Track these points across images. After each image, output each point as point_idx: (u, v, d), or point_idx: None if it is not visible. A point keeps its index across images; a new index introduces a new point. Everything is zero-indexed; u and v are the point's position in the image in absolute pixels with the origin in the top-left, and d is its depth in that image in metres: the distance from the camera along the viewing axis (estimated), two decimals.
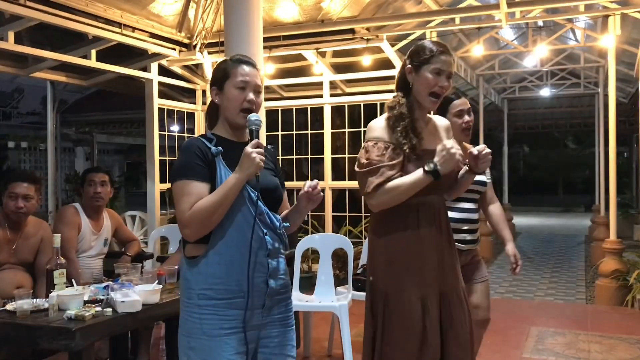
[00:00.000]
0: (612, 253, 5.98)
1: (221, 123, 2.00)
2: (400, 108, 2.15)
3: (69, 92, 13.14)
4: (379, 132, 2.16)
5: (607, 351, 4.39)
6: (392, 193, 2.06)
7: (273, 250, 1.92)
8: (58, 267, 2.67)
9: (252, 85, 1.95)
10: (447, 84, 2.14)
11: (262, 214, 1.90)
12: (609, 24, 5.91)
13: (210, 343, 1.85)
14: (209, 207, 1.81)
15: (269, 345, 1.94)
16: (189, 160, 1.88)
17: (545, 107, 15.98)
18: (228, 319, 1.85)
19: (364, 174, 2.12)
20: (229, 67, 1.97)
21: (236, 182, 1.82)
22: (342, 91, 7.25)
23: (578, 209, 19.98)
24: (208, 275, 1.86)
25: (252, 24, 4.93)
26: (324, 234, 5.45)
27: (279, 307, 1.97)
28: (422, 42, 2.24)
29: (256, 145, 1.83)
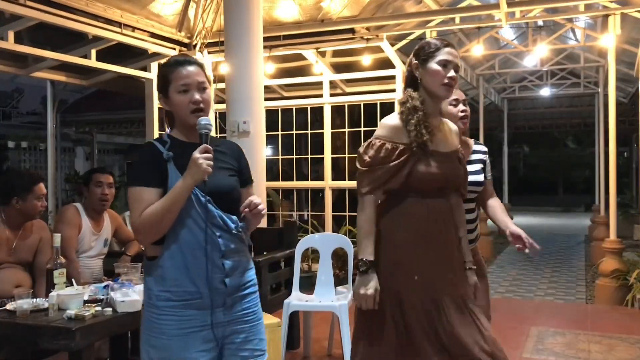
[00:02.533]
0: (612, 253, 5.97)
1: (177, 125, 2.01)
2: (413, 101, 2.15)
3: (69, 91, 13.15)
4: (390, 131, 2.15)
5: (607, 351, 4.39)
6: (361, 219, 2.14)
7: (228, 251, 1.92)
8: (58, 267, 2.67)
9: (195, 85, 1.94)
10: (455, 75, 2.15)
11: (214, 217, 1.90)
12: (609, 24, 5.91)
13: (169, 342, 1.87)
14: (157, 213, 1.83)
15: (234, 341, 1.96)
16: (140, 167, 1.92)
17: (545, 107, 15.98)
18: (187, 319, 1.88)
19: (363, 172, 2.14)
20: (168, 73, 1.96)
21: (183, 188, 1.83)
22: (342, 91, 7.25)
23: (578, 209, 19.98)
24: (164, 279, 1.88)
25: (252, 24, 4.93)
26: (324, 234, 5.45)
27: (242, 303, 1.99)
28: (426, 39, 2.27)
29: (204, 151, 1.84)
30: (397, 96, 6.34)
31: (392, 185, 2.12)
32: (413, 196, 2.13)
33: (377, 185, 2.10)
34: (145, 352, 1.92)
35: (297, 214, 7.67)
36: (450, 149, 2.23)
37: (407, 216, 2.13)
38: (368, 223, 2.12)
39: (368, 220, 2.12)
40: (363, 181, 2.13)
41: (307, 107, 6.99)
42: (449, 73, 2.13)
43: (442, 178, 2.15)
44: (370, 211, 2.13)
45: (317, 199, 7.82)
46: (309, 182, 7.70)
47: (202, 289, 1.88)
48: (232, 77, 5.00)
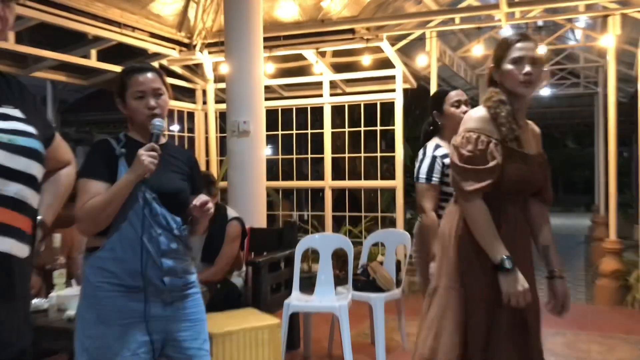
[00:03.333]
0: (612, 253, 5.97)
1: (135, 126, 2.09)
2: (498, 95, 2.09)
3: (69, 91, 13.14)
4: (478, 122, 2.07)
5: (607, 351, 4.39)
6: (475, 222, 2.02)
7: (168, 250, 1.97)
8: (58, 267, 2.67)
9: (150, 91, 2.03)
10: (530, 69, 2.04)
11: (157, 215, 1.95)
12: (609, 24, 5.91)
13: (107, 331, 1.90)
14: (98, 205, 1.89)
15: (176, 338, 2.00)
16: (91, 160, 2.00)
17: (545, 107, 15.97)
18: (125, 309, 1.91)
19: (467, 170, 2.02)
20: (124, 79, 2.06)
21: (126, 182, 1.90)
22: (342, 91, 7.25)
23: (578, 209, 19.99)
24: (103, 270, 1.93)
25: (252, 24, 4.93)
26: (324, 234, 5.45)
27: (183, 302, 2.03)
28: (502, 38, 2.21)
29: (150, 149, 1.92)
30: (397, 96, 6.34)
31: (491, 188, 2.00)
32: (497, 196, 2.04)
33: (483, 187, 1.99)
34: (80, 343, 1.93)
35: (297, 214, 7.66)
36: (536, 152, 2.16)
37: (501, 217, 2.04)
38: (487, 221, 1.99)
39: (486, 218, 2.00)
40: (467, 180, 2.01)
41: (307, 107, 6.99)
42: (523, 69, 2.04)
43: (527, 180, 2.08)
44: (485, 209, 2.00)
45: (317, 199, 7.81)
46: (309, 182, 7.70)
47: (139, 283, 1.91)
48: (232, 77, 5.00)
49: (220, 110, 6.79)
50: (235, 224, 3.91)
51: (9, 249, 1.31)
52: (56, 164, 1.65)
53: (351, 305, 3.84)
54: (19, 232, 1.35)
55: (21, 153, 1.35)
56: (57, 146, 1.63)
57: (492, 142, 2.02)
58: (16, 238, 1.33)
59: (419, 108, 9.43)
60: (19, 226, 1.35)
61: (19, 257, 1.34)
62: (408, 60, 7.14)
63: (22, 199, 1.35)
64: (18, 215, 1.35)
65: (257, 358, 3.24)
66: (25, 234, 1.37)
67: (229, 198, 4.99)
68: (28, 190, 1.37)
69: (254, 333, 3.20)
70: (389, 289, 4.04)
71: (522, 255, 2.09)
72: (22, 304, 1.38)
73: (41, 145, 1.43)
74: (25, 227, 1.37)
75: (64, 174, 1.69)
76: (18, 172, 1.34)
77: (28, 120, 1.41)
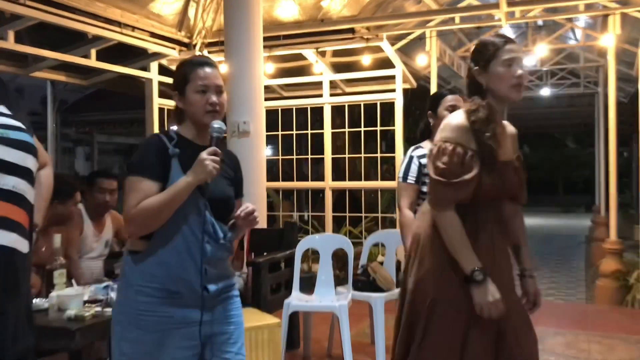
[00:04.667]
0: (612, 253, 5.97)
1: (187, 124, 1.99)
2: (485, 110, 2.01)
3: (69, 91, 13.14)
4: (456, 132, 2.00)
5: (607, 351, 4.39)
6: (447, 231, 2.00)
7: (214, 258, 1.92)
8: (58, 267, 2.67)
9: (213, 87, 1.95)
10: (522, 72, 2.01)
11: (207, 223, 1.89)
12: (609, 24, 5.91)
13: (145, 337, 1.86)
14: (154, 207, 1.81)
15: (215, 341, 1.95)
16: (144, 158, 1.89)
17: (545, 107, 15.97)
18: (166, 315, 1.86)
19: (442, 184, 1.99)
20: (187, 72, 1.96)
21: (186, 186, 1.82)
22: (342, 91, 7.25)
23: (578, 209, 20.01)
24: (146, 274, 1.86)
25: (252, 23, 4.93)
26: (324, 234, 5.45)
27: (224, 305, 1.99)
28: (481, 40, 2.13)
29: (212, 153, 1.84)
30: (397, 96, 6.34)
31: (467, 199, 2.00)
32: (473, 205, 2.03)
33: (457, 200, 1.99)
34: (117, 346, 1.89)
35: (298, 214, 7.66)
36: (509, 157, 2.12)
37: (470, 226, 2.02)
38: (460, 233, 1.98)
39: (459, 230, 1.98)
40: (442, 195, 2.00)
41: (307, 107, 6.98)
42: (515, 72, 2.00)
43: (501, 189, 2.06)
44: (457, 221, 1.99)
45: (318, 200, 7.81)
46: (309, 182, 7.70)
47: (182, 289, 1.87)
48: (232, 77, 5.00)
49: None
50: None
51: (13, 244, 1.30)
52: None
53: (351, 305, 3.84)
54: (20, 226, 1.33)
55: (15, 146, 1.34)
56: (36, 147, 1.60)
57: (469, 153, 1.98)
58: (18, 233, 1.32)
59: (419, 108, 9.42)
60: (19, 220, 1.33)
61: (22, 252, 1.33)
62: (408, 60, 7.15)
63: (20, 192, 1.34)
64: (17, 209, 1.33)
65: (257, 358, 3.24)
66: (26, 230, 1.36)
67: None
68: (25, 184, 1.36)
69: (254, 333, 3.20)
70: (389, 289, 4.04)
71: (500, 261, 2.08)
72: (26, 302, 1.37)
73: (32, 139, 1.41)
74: (24, 222, 1.36)
75: (44, 175, 1.66)
76: (14, 165, 1.33)
77: (15, 116, 1.40)
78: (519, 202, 2.21)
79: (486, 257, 2.01)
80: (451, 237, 1.99)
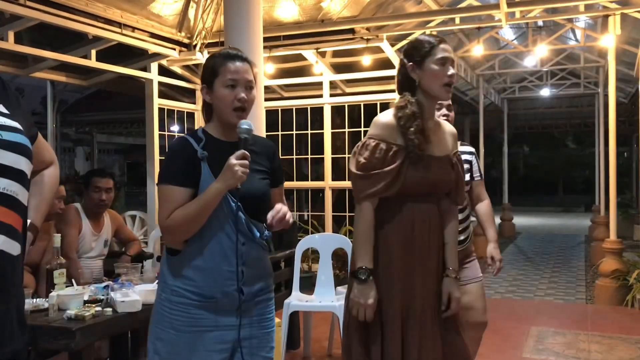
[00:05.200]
0: (612, 253, 5.97)
1: (214, 120, 1.95)
2: (412, 107, 2.07)
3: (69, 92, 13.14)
4: (383, 129, 2.07)
5: (607, 351, 4.39)
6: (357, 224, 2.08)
7: (249, 259, 1.88)
8: (58, 267, 2.67)
9: (243, 82, 1.88)
10: (454, 73, 2.09)
11: (242, 224, 1.86)
12: (609, 24, 5.91)
13: (177, 338, 1.85)
14: (187, 216, 1.79)
15: (244, 345, 1.91)
16: (173, 165, 1.87)
17: (545, 107, 15.98)
18: (198, 318, 1.85)
19: (360, 177, 2.06)
20: (217, 65, 1.90)
21: (216, 193, 1.79)
22: (342, 91, 7.25)
23: (578, 209, 19.99)
24: (181, 276, 1.86)
25: (252, 24, 4.93)
26: (324, 234, 5.45)
27: (258, 309, 1.95)
28: (416, 38, 2.17)
29: (241, 157, 1.79)
30: (397, 97, 6.33)
31: (390, 192, 2.04)
32: (401, 199, 2.06)
33: (375, 192, 2.03)
34: (152, 345, 1.89)
35: (297, 214, 7.66)
36: (444, 153, 2.15)
37: (395, 219, 2.07)
38: (367, 229, 2.04)
39: (367, 226, 2.04)
40: (360, 187, 2.06)
41: (307, 107, 6.99)
42: (448, 71, 2.06)
43: (432, 183, 2.09)
44: (369, 217, 2.05)
45: (317, 199, 7.82)
46: (309, 182, 7.70)
47: (216, 294, 1.85)
48: None
49: None
50: None
51: (0, 245, 1.28)
52: (39, 164, 1.60)
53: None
54: (10, 228, 1.32)
55: (7, 148, 1.32)
56: (39, 146, 1.58)
57: (393, 149, 2.03)
58: (7, 235, 1.30)
59: None
60: (10, 222, 1.32)
61: (11, 254, 1.31)
62: None
63: (12, 194, 1.32)
64: (8, 212, 1.31)
65: None
66: (17, 232, 1.34)
67: None
68: (17, 186, 1.34)
69: None
70: None
71: (420, 255, 2.08)
72: (15, 304, 1.35)
73: (28, 140, 1.40)
74: (16, 225, 1.34)
75: (48, 174, 1.64)
76: (5, 166, 1.31)
77: (12, 116, 1.39)
78: (453, 201, 2.21)
79: (398, 250, 2.06)
80: (358, 230, 2.07)
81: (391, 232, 2.07)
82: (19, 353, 1.34)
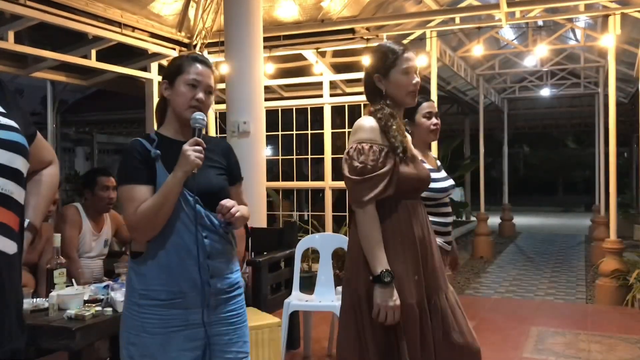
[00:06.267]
0: (612, 253, 5.97)
1: (169, 120, 1.99)
2: (388, 108, 2.13)
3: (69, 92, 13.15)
4: (371, 133, 2.10)
5: (607, 351, 4.39)
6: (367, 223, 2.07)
7: (214, 252, 1.91)
8: (58, 267, 2.67)
9: (204, 85, 1.95)
10: (418, 80, 2.15)
11: (202, 217, 1.88)
12: (609, 24, 5.91)
13: (150, 340, 1.87)
14: (151, 209, 1.82)
15: (219, 342, 1.94)
16: (129, 165, 1.90)
17: (545, 107, 15.98)
18: (169, 318, 1.87)
19: (358, 182, 2.06)
20: (183, 63, 1.96)
21: (175, 181, 1.83)
22: (342, 91, 7.25)
23: (578, 209, 20.00)
24: (147, 277, 1.87)
25: (252, 24, 4.94)
26: (324, 234, 5.45)
27: (227, 305, 1.97)
28: (381, 47, 2.21)
29: (194, 143, 1.85)
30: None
31: (390, 191, 2.06)
32: (396, 199, 2.09)
33: (378, 193, 2.04)
34: (125, 350, 1.91)
35: (297, 214, 7.66)
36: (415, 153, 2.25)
37: (393, 219, 2.10)
38: (376, 232, 2.05)
39: (376, 228, 2.05)
40: (361, 191, 2.05)
41: (307, 107, 6.99)
42: (413, 79, 2.12)
43: (422, 179, 2.17)
44: (375, 219, 2.05)
45: (317, 199, 7.82)
46: (309, 182, 7.70)
47: (185, 289, 1.87)
48: (232, 77, 5.00)
49: (220, 110, 6.78)
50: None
51: None
52: (38, 164, 1.60)
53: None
54: (6, 227, 1.31)
55: (3, 146, 1.32)
56: (39, 145, 1.58)
57: (384, 150, 2.08)
58: (1, 233, 1.30)
59: None
60: (5, 221, 1.31)
61: (7, 253, 1.31)
62: None
63: (7, 193, 1.32)
64: (3, 211, 1.31)
65: (258, 357, 3.25)
66: (13, 231, 1.34)
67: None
68: (12, 185, 1.33)
69: (254, 332, 3.21)
70: None
71: (434, 253, 2.15)
72: (13, 303, 1.35)
73: (24, 139, 1.39)
74: (12, 224, 1.33)
75: (47, 174, 1.64)
76: (1, 165, 1.31)
77: (9, 114, 1.38)
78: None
79: (420, 247, 2.10)
80: (366, 235, 2.05)
81: (391, 231, 2.09)
82: (18, 352, 1.33)
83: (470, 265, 8.65)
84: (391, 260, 2.06)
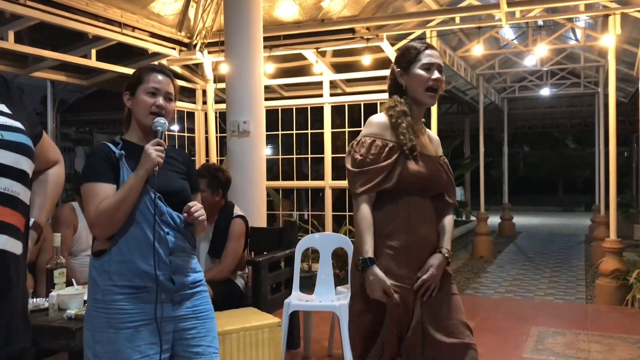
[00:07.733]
0: (612, 252, 5.97)
1: (133, 128, 2.08)
2: (402, 106, 2.18)
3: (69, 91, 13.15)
4: (377, 128, 2.17)
5: (607, 351, 4.39)
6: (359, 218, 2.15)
7: (177, 248, 1.98)
8: (58, 267, 2.67)
9: (163, 92, 2.07)
10: (440, 76, 2.17)
11: (164, 213, 1.96)
12: (609, 24, 5.91)
13: (116, 336, 1.89)
14: (111, 206, 1.88)
15: (185, 337, 1.99)
16: (94, 164, 1.97)
17: (545, 107, 15.99)
18: (134, 312, 1.90)
19: (356, 173, 2.14)
20: (142, 74, 2.10)
21: (136, 179, 1.91)
22: (342, 91, 7.25)
23: (578, 209, 20.01)
24: (111, 273, 1.91)
25: (252, 24, 4.93)
26: (324, 234, 5.44)
27: (191, 300, 2.02)
28: (405, 45, 2.29)
29: (156, 144, 1.94)
30: None
31: (387, 185, 2.12)
32: (397, 194, 2.15)
33: (372, 186, 2.12)
34: (90, 350, 1.92)
35: (297, 213, 7.66)
36: (432, 154, 2.26)
37: (392, 210, 2.14)
38: (365, 220, 2.12)
39: (365, 217, 2.12)
40: (357, 182, 2.14)
41: (307, 107, 6.99)
42: (433, 75, 2.16)
43: (426, 178, 2.18)
44: (367, 209, 2.13)
45: (317, 199, 7.82)
46: (309, 181, 7.70)
47: (148, 283, 1.91)
48: (232, 77, 5.00)
49: (220, 110, 6.78)
50: (240, 222, 3.90)
51: (3, 245, 1.29)
52: (44, 163, 1.62)
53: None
54: (13, 228, 1.32)
55: (9, 148, 1.33)
56: (44, 145, 1.60)
57: (389, 145, 2.13)
58: (10, 234, 1.31)
59: None
60: (13, 222, 1.32)
61: (15, 253, 1.32)
62: None
63: (13, 194, 1.33)
64: (9, 211, 1.32)
65: (257, 357, 3.24)
66: (20, 231, 1.35)
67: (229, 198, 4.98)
68: (19, 186, 1.34)
69: (254, 332, 3.21)
70: None
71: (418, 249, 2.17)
72: (20, 303, 1.36)
73: (29, 140, 1.40)
74: (18, 224, 1.34)
75: (53, 173, 1.66)
76: (7, 166, 1.32)
77: (15, 115, 1.39)
78: (450, 196, 2.30)
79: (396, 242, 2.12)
80: (356, 223, 2.15)
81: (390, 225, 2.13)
82: (23, 350, 1.34)
83: (470, 265, 8.65)
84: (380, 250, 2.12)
